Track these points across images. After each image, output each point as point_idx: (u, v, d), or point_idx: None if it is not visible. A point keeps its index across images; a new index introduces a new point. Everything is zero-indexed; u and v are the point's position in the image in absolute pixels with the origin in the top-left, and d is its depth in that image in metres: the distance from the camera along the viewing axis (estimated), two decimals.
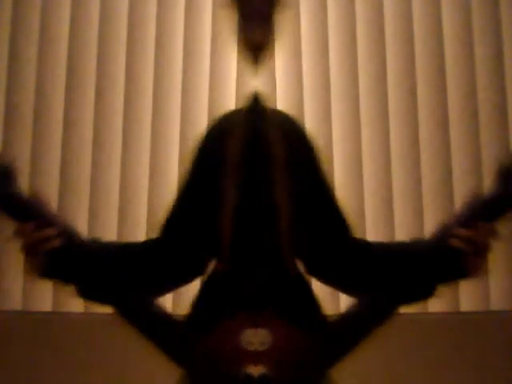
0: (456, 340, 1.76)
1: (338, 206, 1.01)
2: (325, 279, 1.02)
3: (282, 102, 1.86)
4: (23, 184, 1.87)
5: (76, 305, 1.80)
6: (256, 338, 0.84)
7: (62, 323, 1.78)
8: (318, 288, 1.01)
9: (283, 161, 0.93)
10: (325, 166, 1.02)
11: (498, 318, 1.81)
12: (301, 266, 0.99)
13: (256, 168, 0.94)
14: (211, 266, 0.96)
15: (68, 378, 1.72)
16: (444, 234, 0.88)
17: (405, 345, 1.74)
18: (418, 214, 1.84)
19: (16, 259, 1.83)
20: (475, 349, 1.75)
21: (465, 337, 1.76)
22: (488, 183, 1.92)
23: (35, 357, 1.73)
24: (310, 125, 1.86)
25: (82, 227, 1.81)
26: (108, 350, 1.73)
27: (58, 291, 1.81)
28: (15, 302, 1.80)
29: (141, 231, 1.80)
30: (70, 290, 0.93)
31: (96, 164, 1.86)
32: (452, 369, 1.74)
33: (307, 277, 0.99)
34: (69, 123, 1.87)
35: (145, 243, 1.02)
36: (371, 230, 1.81)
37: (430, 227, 1.83)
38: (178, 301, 1.71)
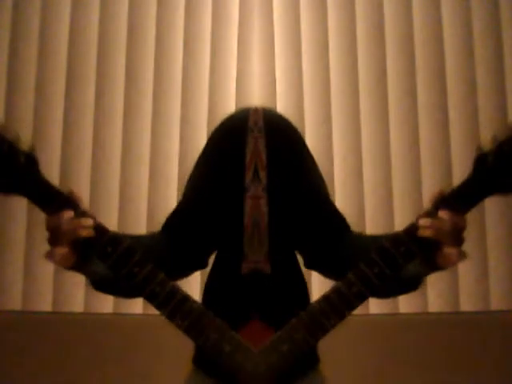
0: (456, 340, 1.76)
1: (330, 201, 1.06)
2: (323, 272, 1.04)
3: (282, 102, 1.86)
4: None
5: (76, 305, 1.80)
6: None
7: (62, 323, 1.78)
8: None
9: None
10: (312, 163, 1.05)
11: (498, 317, 1.81)
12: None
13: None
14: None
15: (68, 378, 1.72)
16: (412, 226, 0.90)
17: (404, 345, 1.74)
18: (418, 213, 1.84)
19: (16, 259, 1.83)
20: (475, 349, 1.75)
21: (465, 337, 1.76)
22: None
23: (35, 357, 1.73)
24: (310, 125, 1.86)
25: None
26: (108, 350, 1.73)
27: (58, 291, 1.81)
28: (15, 302, 1.80)
29: (141, 231, 1.80)
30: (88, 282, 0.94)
31: (96, 164, 1.86)
32: (452, 369, 1.74)
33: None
34: (69, 123, 1.87)
35: (153, 235, 1.05)
36: (371, 230, 1.81)
37: None
38: None
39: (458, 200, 0.87)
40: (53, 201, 0.86)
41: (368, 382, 1.73)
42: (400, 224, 1.94)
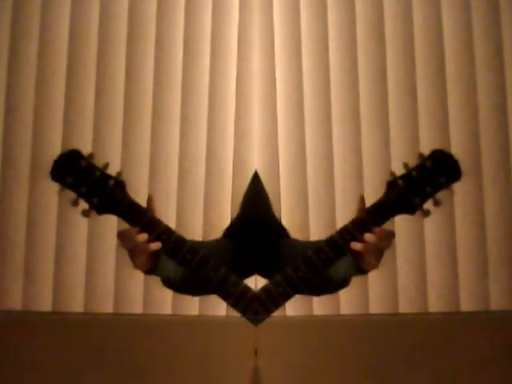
0: (456, 340, 1.76)
1: None
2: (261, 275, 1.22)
3: (281, 102, 1.86)
4: (22, 185, 1.87)
5: (76, 305, 1.80)
6: None
7: (62, 323, 1.78)
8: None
9: None
10: None
11: (498, 317, 1.81)
12: None
13: None
14: None
15: (68, 378, 1.72)
16: (344, 238, 1.03)
17: (404, 345, 1.74)
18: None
19: (16, 259, 1.83)
20: (475, 349, 1.75)
21: (465, 337, 1.76)
22: (488, 183, 1.93)
23: (35, 357, 1.74)
24: (310, 125, 1.86)
25: (81, 227, 1.82)
26: (108, 350, 1.73)
27: (58, 291, 1.81)
28: (15, 302, 1.80)
29: None
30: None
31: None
32: (452, 369, 1.74)
33: None
34: (69, 123, 1.87)
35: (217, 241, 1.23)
36: None
37: (430, 227, 1.84)
38: (179, 300, 1.72)
39: (382, 216, 1.03)
40: (139, 218, 1.02)
41: (368, 382, 1.73)
42: (400, 224, 1.94)
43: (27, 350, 1.75)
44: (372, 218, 1.05)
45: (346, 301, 1.76)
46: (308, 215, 1.81)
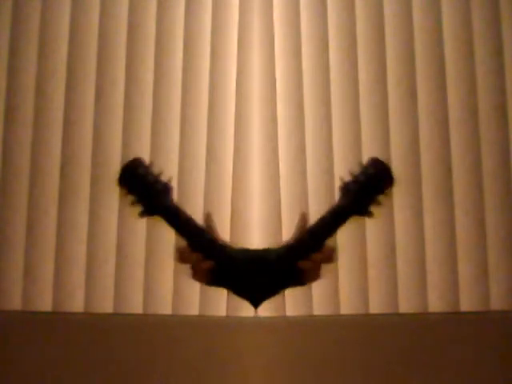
0: (456, 340, 1.76)
1: None
2: None
3: (281, 102, 1.86)
4: (22, 185, 1.88)
5: (76, 305, 1.80)
6: None
7: (62, 323, 1.78)
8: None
9: None
10: None
11: (498, 317, 1.81)
12: None
13: None
14: None
15: (68, 379, 1.72)
16: (292, 254, 1.08)
17: (405, 345, 1.74)
18: (418, 213, 1.84)
19: (16, 259, 1.83)
20: (475, 349, 1.75)
21: (465, 337, 1.76)
22: (488, 182, 1.93)
23: (35, 357, 1.74)
24: (310, 125, 1.87)
25: (81, 228, 1.82)
26: (108, 350, 1.73)
27: (58, 291, 1.81)
28: (15, 302, 1.80)
29: (141, 232, 1.81)
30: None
31: (97, 164, 1.86)
32: (452, 369, 1.74)
33: None
34: (69, 123, 1.87)
35: None
36: (371, 230, 1.82)
37: (429, 226, 1.84)
38: (179, 301, 1.72)
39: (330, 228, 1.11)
40: (195, 238, 1.08)
41: (368, 382, 1.73)
42: (400, 224, 1.95)
43: (27, 349, 1.75)
44: (320, 233, 1.13)
45: (346, 301, 1.76)
46: (308, 215, 1.81)
